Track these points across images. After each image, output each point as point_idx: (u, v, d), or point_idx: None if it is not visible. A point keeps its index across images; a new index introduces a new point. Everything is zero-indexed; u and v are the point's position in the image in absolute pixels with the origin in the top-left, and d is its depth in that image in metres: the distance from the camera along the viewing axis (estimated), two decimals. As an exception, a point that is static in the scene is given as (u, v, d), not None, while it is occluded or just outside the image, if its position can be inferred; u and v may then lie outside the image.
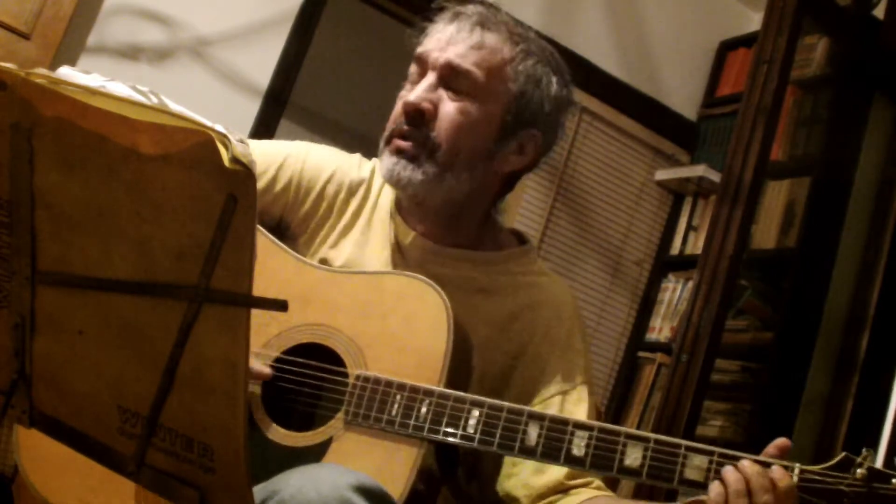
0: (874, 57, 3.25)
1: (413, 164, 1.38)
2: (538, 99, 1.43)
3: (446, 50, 1.39)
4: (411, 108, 1.38)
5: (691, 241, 3.80)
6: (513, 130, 1.42)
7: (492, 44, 1.40)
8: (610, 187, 3.82)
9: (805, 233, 3.19)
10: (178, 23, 3.09)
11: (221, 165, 0.83)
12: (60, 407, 1.01)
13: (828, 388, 3.09)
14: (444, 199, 1.41)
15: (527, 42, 1.44)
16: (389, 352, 1.28)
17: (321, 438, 1.26)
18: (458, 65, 1.38)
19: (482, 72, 1.39)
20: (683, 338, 2.88)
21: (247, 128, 3.17)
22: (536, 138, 1.44)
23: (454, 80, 1.39)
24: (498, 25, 1.42)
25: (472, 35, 1.40)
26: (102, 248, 0.95)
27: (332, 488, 1.07)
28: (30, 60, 2.68)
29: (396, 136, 1.40)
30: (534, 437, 1.20)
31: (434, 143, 1.38)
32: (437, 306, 1.27)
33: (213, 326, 0.90)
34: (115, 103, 0.89)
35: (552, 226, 3.69)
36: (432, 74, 1.40)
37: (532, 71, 1.42)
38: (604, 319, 3.77)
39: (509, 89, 1.40)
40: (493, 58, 1.40)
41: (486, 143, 1.41)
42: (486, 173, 1.43)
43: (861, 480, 1.09)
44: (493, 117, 1.40)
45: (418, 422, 1.22)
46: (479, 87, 1.39)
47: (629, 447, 1.17)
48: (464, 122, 1.38)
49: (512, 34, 1.43)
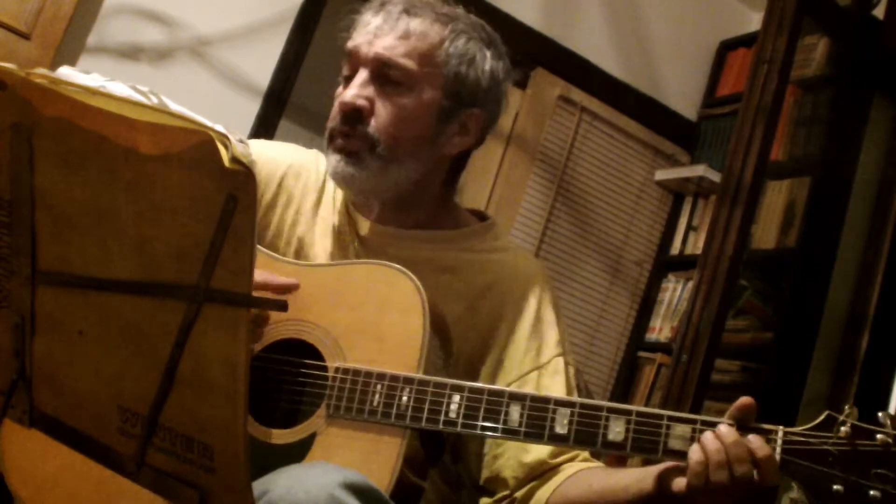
0: (874, 57, 3.25)
1: (353, 158, 1.39)
2: (473, 77, 1.42)
3: (374, 43, 1.39)
4: (347, 107, 1.39)
5: (691, 241, 3.80)
6: (453, 112, 1.42)
7: (419, 29, 1.40)
8: (610, 187, 3.82)
9: (805, 233, 3.19)
10: (178, 23, 3.09)
11: (221, 165, 0.83)
12: (60, 407, 1.01)
13: (828, 388, 3.08)
14: (393, 190, 1.42)
15: (455, 21, 1.43)
16: (366, 340, 1.28)
17: (305, 434, 1.26)
18: (388, 58, 1.38)
19: (413, 60, 1.39)
20: (683, 338, 2.88)
21: (247, 128, 3.16)
22: (478, 116, 1.44)
23: (386, 73, 1.39)
24: (424, 8, 1.42)
25: (399, 23, 1.39)
26: (102, 248, 0.95)
27: (321, 487, 1.07)
28: (30, 60, 2.68)
29: (337, 135, 1.40)
30: (516, 417, 1.20)
31: (374, 139, 1.38)
32: (410, 290, 1.27)
33: (213, 326, 0.90)
34: (115, 103, 0.89)
35: (552, 226, 3.69)
36: (364, 70, 1.40)
37: (464, 50, 1.42)
38: (604, 319, 3.77)
39: (443, 73, 1.40)
40: (422, 44, 1.40)
41: (426, 129, 1.41)
42: (432, 158, 1.43)
43: (845, 438, 1.10)
44: (431, 103, 1.40)
45: (400, 410, 1.22)
46: (412, 76, 1.39)
47: (612, 421, 1.17)
48: (401, 114, 1.39)
49: (439, 15, 1.42)
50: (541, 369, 1.40)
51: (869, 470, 1.08)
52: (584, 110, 3.74)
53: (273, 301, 0.97)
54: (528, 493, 1.34)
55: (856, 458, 1.09)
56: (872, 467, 1.08)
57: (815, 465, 1.10)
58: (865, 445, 1.09)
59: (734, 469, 1.11)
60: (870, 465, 1.08)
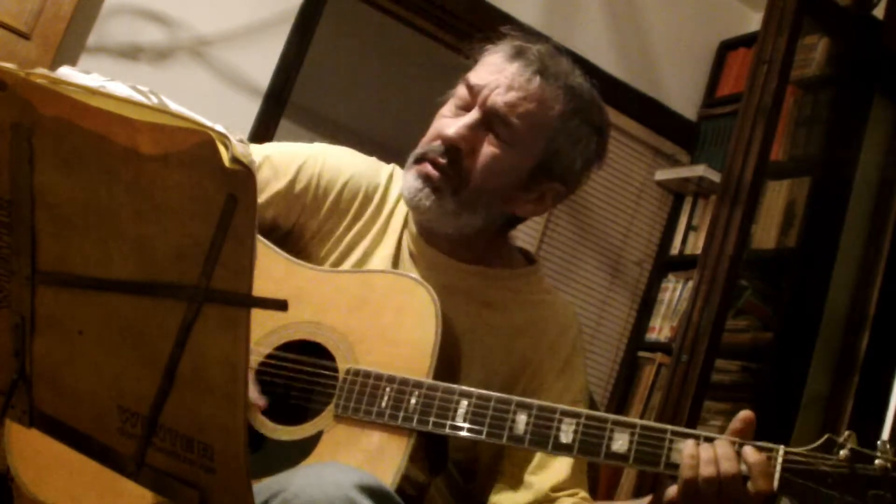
0: (874, 57, 3.25)
1: (436, 194, 1.39)
2: (572, 157, 1.43)
3: (499, 93, 1.38)
4: (451, 143, 1.39)
5: (691, 241, 3.80)
6: (537, 180, 1.43)
7: (545, 97, 1.39)
8: (610, 187, 3.82)
9: (805, 233, 3.19)
10: (178, 23, 3.09)
11: (221, 165, 0.83)
12: (60, 407, 1.01)
13: (828, 388, 3.08)
14: (456, 231, 1.43)
15: (580, 99, 1.43)
16: (379, 345, 1.30)
17: (312, 431, 1.27)
18: (506, 115, 1.38)
19: (527, 124, 1.38)
20: (683, 338, 2.88)
21: (247, 128, 3.16)
22: (559, 191, 1.45)
23: (498, 125, 1.38)
24: (557, 77, 1.41)
25: (530, 83, 1.38)
26: (102, 248, 0.95)
27: (336, 487, 1.07)
28: (30, 60, 2.68)
29: (429, 161, 1.40)
30: (522, 425, 1.21)
31: (461, 181, 1.39)
32: (425, 300, 1.30)
33: (213, 326, 0.90)
34: (115, 103, 0.89)
35: (552, 226, 3.69)
36: (478, 112, 1.39)
37: (574, 130, 1.42)
38: (604, 319, 3.77)
39: (547, 144, 1.41)
40: (541, 112, 1.39)
41: (509, 188, 1.42)
42: (502, 213, 1.45)
43: (844, 461, 1.11)
44: (524, 167, 1.41)
45: (408, 413, 1.24)
46: (519, 137, 1.39)
47: (616, 433, 1.18)
48: (494, 168, 1.39)
49: (567, 88, 1.42)
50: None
51: (866, 492, 1.09)
52: (584, 110, 3.73)
53: (273, 301, 0.97)
54: None
55: (854, 480, 1.10)
56: (869, 489, 1.10)
57: (814, 485, 1.11)
58: (864, 469, 1.11)
59: (721, 466, 1.12)
60: (867, 488, 1.10)
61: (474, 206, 1.40)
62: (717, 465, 1.12)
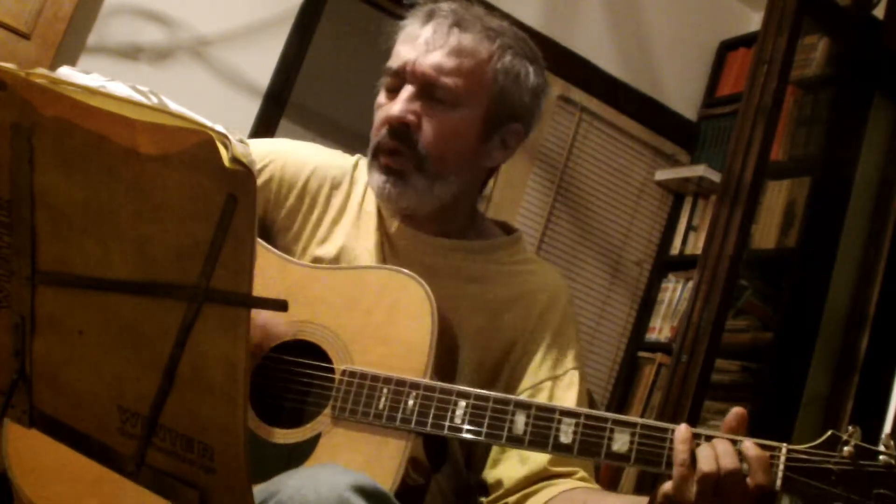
0: (874, 57, 3.25)
1: (402, 179, 1.38)
2: (518, 93, 1.42)
3: (423, 58, 1.38)
4: (395, 122, 1.38)
5: (691, 241, 3.80)
6: (495, 128, 1.42)
7: (469, 45, 1.39)
8: (610, 187, 3.82)
9: (805, 233, 3.19)
10: (178, 23, 3.09)
11: (221, 165, 0.83)
12: (60, 407, 1.01)
13: (828, 388, 3.08)
14: (437, 205, 1.42)
15: (502, 36, 1.42)
16: (374, 344, 1.28)
17: (310, 434, 1.26)
18: (437, 76, 1.37)
19: (461, 78, 1.38)
20: (683, 338, 2.88)
21: (247, 128, 3.17)
22: (518, 131, 1.45)
23: (434, 89, 1.38)
24: (473, 22, 1.40)
25: (449, 39, 1.38)
26: (102, 248, 0.95)
27: (331, 489, 1.07)
28: (30, 60, 2.68)
29: (383, 151, 1.39)
30: (521, 425, 1.20)
31: (421, 156, 1.38)
32: (420, 297, 1.28)
33: (213, 326, 0.90)
34: (115, 103, 0.89)
35: (552, 226, 3.69)
36: (411, 85, 1.38)
37: (510, 66, 1.41)
38: (604, 319, 3.77)
39: (489, 90, 1.40)
40: (471, 61, 1.39)
41: (470, 145, 1.41)
42: (472, 172, 1.44)
43: (848, 458, 1.09)
44: (476, 119, 1.40)
45: (405, 415, 1.23)
46: (459, 93, 1.38)
47: (616, 433, 1.16)
48: (447, 131, 1.38)
49: (487, 30, 1.41)
50: (556, 380, 1.40)
51: (870, 490, 1.08)
52: (584, 110, 3.74)
53: (273, 301, 0.96)
54: (520, 500, 1.34)
55: (858, 477, 1.08)
56: (874, 487, 1.08)
57: (818, 483, 1.10)
58: (868, 466, 1.09)
59: (721, 462, 1.09)
60: (871, 486, 1.08)
61: (443, 174, 1.39)
62: (717, 461, 1.11)
